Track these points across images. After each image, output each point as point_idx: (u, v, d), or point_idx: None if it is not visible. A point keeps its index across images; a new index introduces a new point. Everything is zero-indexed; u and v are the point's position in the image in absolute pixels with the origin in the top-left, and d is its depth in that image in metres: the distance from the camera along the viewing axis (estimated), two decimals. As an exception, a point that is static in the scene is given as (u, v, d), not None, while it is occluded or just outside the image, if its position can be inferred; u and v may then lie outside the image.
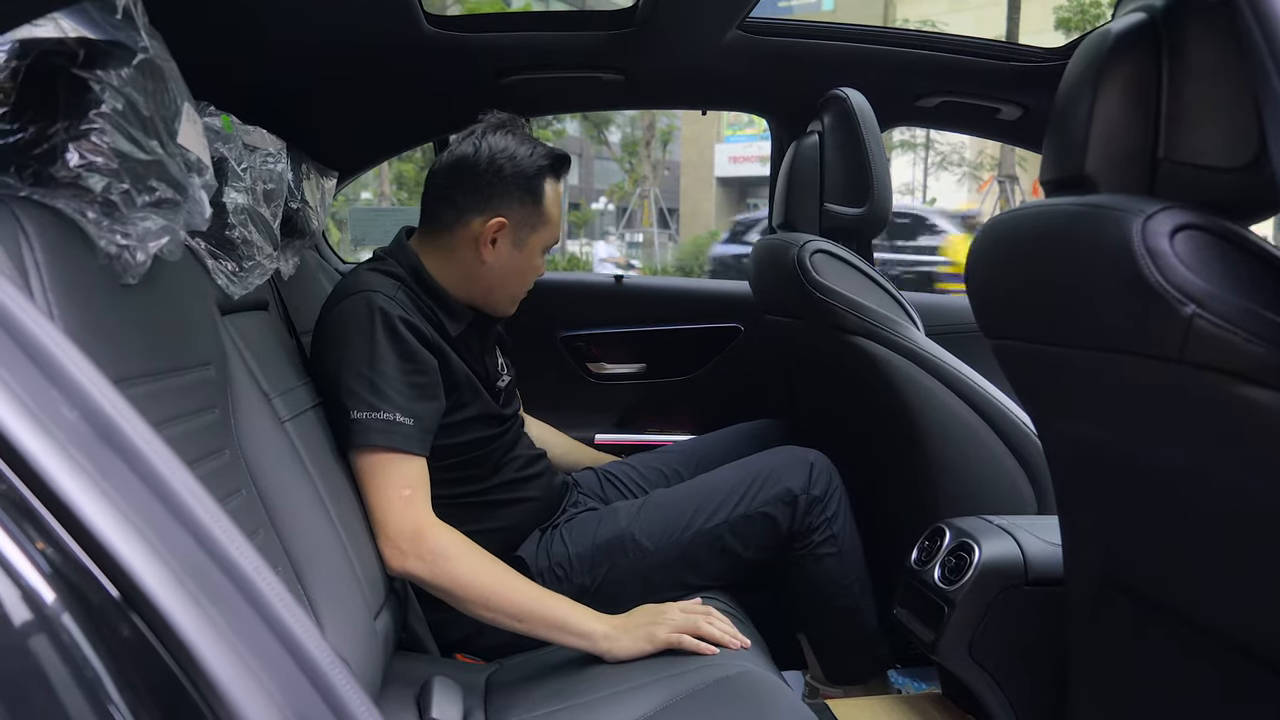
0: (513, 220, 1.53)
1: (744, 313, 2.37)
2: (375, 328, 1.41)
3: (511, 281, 1.58)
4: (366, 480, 1.40)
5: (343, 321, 1.44)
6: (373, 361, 1.40)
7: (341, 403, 1.40)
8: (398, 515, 1.38)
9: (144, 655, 0.50)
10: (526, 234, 1.55)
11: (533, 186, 1.53)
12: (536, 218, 1.54)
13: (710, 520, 1.58)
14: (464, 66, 1.93)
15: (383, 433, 1.39)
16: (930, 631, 1.44)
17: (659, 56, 1.97)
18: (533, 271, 1.59)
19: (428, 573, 1.37)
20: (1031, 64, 2.01)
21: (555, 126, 17.79)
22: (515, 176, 1.51)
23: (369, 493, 1.40)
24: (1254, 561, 0.96)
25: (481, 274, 1.55)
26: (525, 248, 1.55)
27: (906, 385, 1.67)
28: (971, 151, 15.53)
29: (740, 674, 1.30)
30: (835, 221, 1.85)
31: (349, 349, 1.42)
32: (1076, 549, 1.28)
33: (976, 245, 1.20)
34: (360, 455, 1.40)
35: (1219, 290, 0.84)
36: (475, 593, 1.36)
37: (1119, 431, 1.06)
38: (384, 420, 1.39)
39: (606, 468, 1.92)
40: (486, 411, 1.57)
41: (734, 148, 20.39)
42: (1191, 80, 0.94)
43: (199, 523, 0.54)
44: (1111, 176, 0.98)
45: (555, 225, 1.58)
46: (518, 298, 1.62)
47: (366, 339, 1.41)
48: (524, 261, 1.57)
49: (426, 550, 1.37)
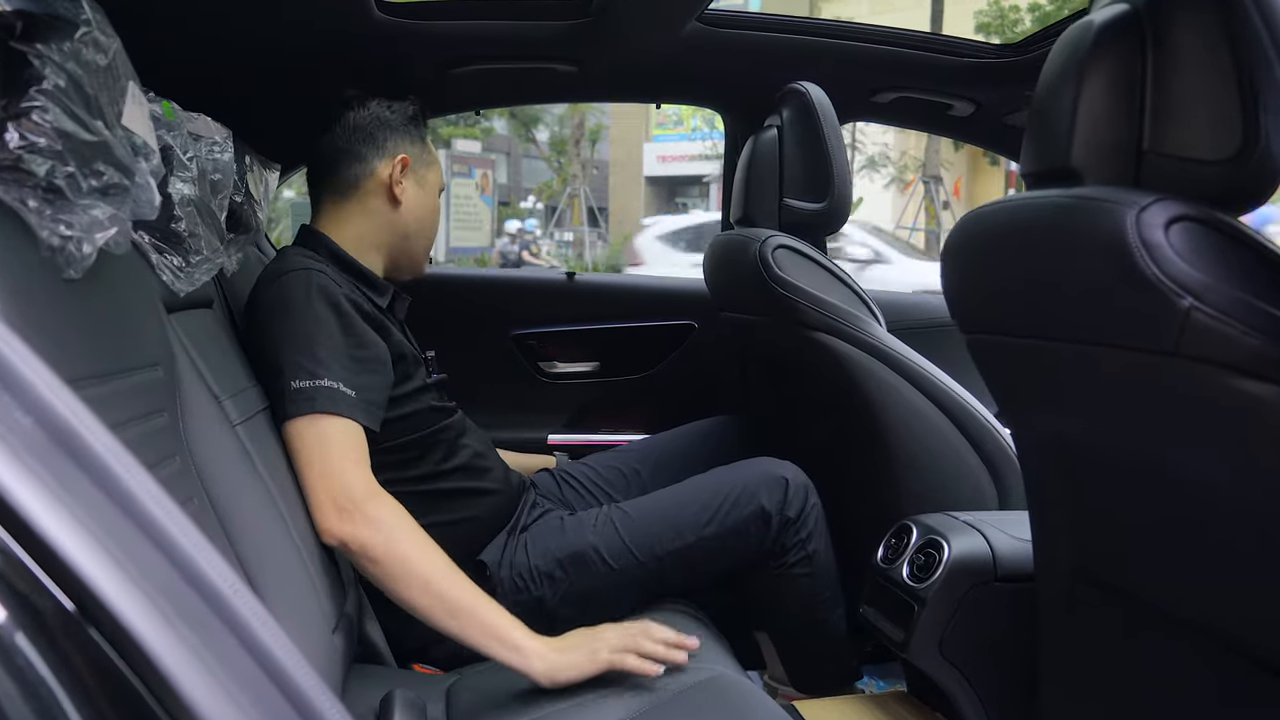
0: (413, 158, 1.60)
1: (699, 310, 2.35)
2: (314, 302, 1.38)
3: (426, 223, 1.63)
4: (306, 445, 1.31)
5: (282, 298, 1.40)
6: (314, 334, 1.36)
7: (280, 374, 1.34)
8: (344, 476, 1.29)
9: (113, 683, 0.46)
10: (424, 171, 1.62)
11: (416, 126, 1.62)
12: (428, 155, 1.63)
13: (679, 541, 1.54)
14: (415, 55, 1.87)
15: (327, 399, 1.32)
16: (900, 630, 1.43)
17: (615, 48, 1.93)
18: (436, 214, 1.66)
19: (369, 540, 1.25)
20: (984, 60, 2.02)
21: (483, 125, 17.63)
22: (400, 120, 1.60)
23: (307, 457, 1.30)
24: (1234, 555, 0.96)
25: (398, 221, 1.59)
26: (426, 185, 1.62)
27: (869, 381, 1.66)
28: (896, 152, 15.79)
29: (713, 678, 1.28)
30: (795, 217, 1.84)
31: (289, 324, 1.37)
32: (1047, 544, 1.28)
33: (953, 238, 1.18)
34: (298, 422, 1.32)
35: (1215, 282, 0.84)
36: (416, 573, 1.25)
37: (1107, 425, 1.06)
38: (327, 387, 1.32)
39: (563, 468, 1.87)
40: (428, 382, 1.55)
41: (662, 147, 20.43)
42: (1176, 71, 0.93)
43: (169, 538, 0.50)
44: (1097, 168, 0.97)
45: (439, 170, 1.67)
46: (428, 248, 1.68)
47: (306, 313, 1.37)
48: (429, 199, 1.63)
49: (373, 515, 1.27)
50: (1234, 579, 0.98)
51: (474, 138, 16.78)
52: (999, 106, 2.11)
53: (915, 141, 15.00)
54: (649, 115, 19.88)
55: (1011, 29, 14.18)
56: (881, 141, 15.12)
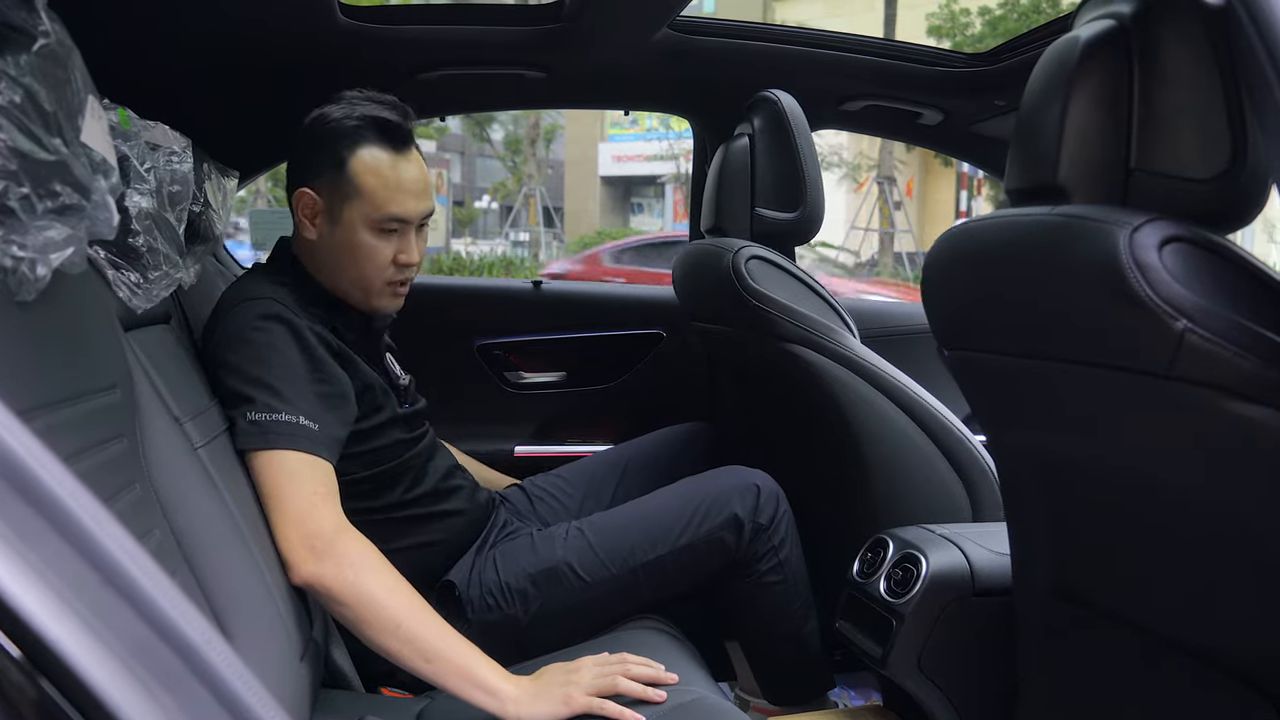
0: (322, 192, 1.42)
1: (667, 319, 2.33)
2: (274, 334, 1.32)
3: (344, 262, 1.43)
4: (271, 481, 1.26)
5: (241, 327, 1.34)
6: (271, 367, 1.30)
7: (238, 404, 1.29)
8: (312, 515, 1.24)
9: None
10: (340, 206, 1.41)
11: (336, 152, 1.40)
12: (345, 187, 1.40)
13: (652, 552, 1.51)
14: (380, 60, 1.82)
15: (286, 435, 1.27)
16: (878, 646, 1.41)
17: (584, 54, 1.91)
18: (365, 251, 1.42)
19: (337, 581, 1.21)
20: (953, 70, 2.02)
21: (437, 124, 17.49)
22: (323, 143, 1.41)
23: (274, 494, 1.25)
24: (1221, 575, 0.96)
25: (318, 255, 1.45)
26: (340, 223, 1.41)
27: (843, 393, 1.64)
28: (850, 153, 15.92)
29: (695, 701, 1.25)
30: (767, 226, 1.82)
31: (248, 353, 1.31)
32: (1026, 560, 1.27)
33: (936, 254, 1.17)
34: (258, 458, 1.27)
35: (1209, 304, 0.83)
36: (386, 615, 1.20)
37: (1095, 444, 1.05)
38: (286, 422, 1.27)
39: (534, 482, 1.84)
40: (399, 413, 1.49)
41: (618, 147, 20.44)
42: (1163, 87, 0.93)
43: (139, 590, 0.47)
44: (1085, 186, 0.96)
45: (375, 198, 1.40)
46: (367, 286, 1.45)
47: (267, 345, 1.31)
48: (345, 237, 1.41)
49: (341, 555, 1.22)
50: (1218, 598, 0.98)
51: (429, 137, 16.65)
52: (967, 115, 2.12)
53: (869, 142, 15.15)
54: (604, 115, 19.87)
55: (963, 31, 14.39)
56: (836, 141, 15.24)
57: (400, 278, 1.46)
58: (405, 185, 1.42)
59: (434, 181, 10.13)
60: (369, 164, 1.40)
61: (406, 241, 1.45)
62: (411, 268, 1.47)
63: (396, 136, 1.42)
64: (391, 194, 1.41)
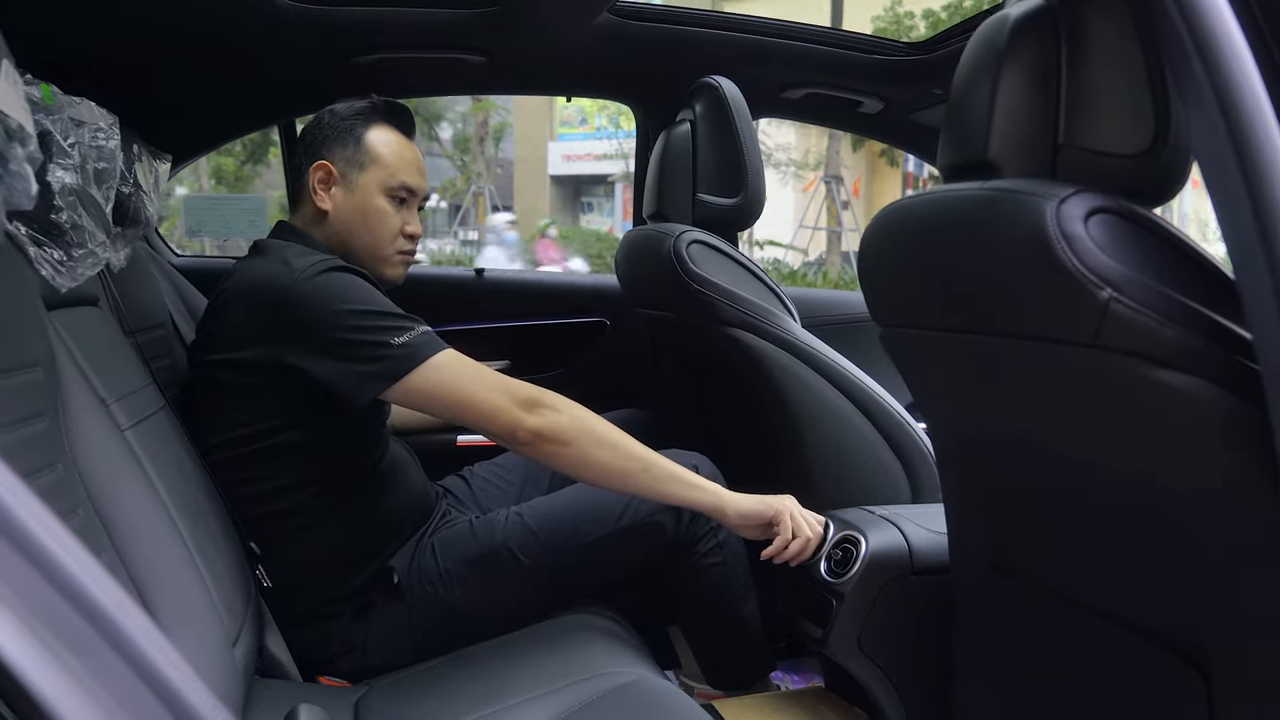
0: (336, 163, 1.55)
1: (610, 307, 2.32)
2: (347, 284, 1.38)
3: (356, 227, 1.55)
4: (454, 380, 1.35)
5: (314, 290, 1.34)
6: (379, 301, 1.38)
7: (372, 343, 1.33)
8: (506, 383, 1.37)
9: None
10: (355, 174, 1.55)
11: (351, 128, 1.56)
12: (361, 157, 1.55)
13: (591, 534, 1.51)
14: (317, 42, 1.79)
15: (435, 342, 1.36)
16: (818, 627, 1.42)
17: (524, 38, 1.89)
18: (377, 214, 1.55)
19: (559, 423, 1.35)
20: (893, 58, 2.04)
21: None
22: (334, 124, 1.56)
23: (466, 387, 1.35)
24: (1149, 544, 0.98)
25: (330, 226, 1.56)
26: (357, 189, 1.55)
27: (784, 377, 1.65)
28: (798, 151, 16.02)
29: (634, 682, 1.25)
30: (708, 212, 1.82)
31: (342, 305, 1.34)
32: (962, 536, 1.29)
33: (872, 232, 1.18)
34: (426, 370, 1.33)
35: (1133, 274, 0.84)
36: (606, 433, 1.38)
37: (1026, 417, 1.06)
38: (424, 332, 1.36)
39: (474, 471, 1.83)
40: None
41: (567, 146, 20.36)
42: (1089, 65, 0.95)
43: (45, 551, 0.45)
44: (1015, 161, 0.98)
45: (390, 165, 1.56)
46: (378, 252, 1.57)
47: (355, 288, 1.37)
48: (360, 202, 1.55)
49: (551, 402, 1.37)
50: (1146, 570, 0.99)
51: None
52: (907, 104, 2.14)
53: (816, 141, 15.26)
54: (554, 114, 19.78)
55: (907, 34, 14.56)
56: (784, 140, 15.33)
57: (408, 248, 1.59)
58: (414, 161, 1.59)
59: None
60: (383, 138, 1.57)
61: (412, 214, 1.60)
62: (416, 241, 1.61)
63: (405, 120, 1.61)
64: (404, 165, 1.57)
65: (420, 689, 1.33)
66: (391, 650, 1.45)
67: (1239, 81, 0.72)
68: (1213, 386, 0.82)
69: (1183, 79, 0.80)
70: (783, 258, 12.49)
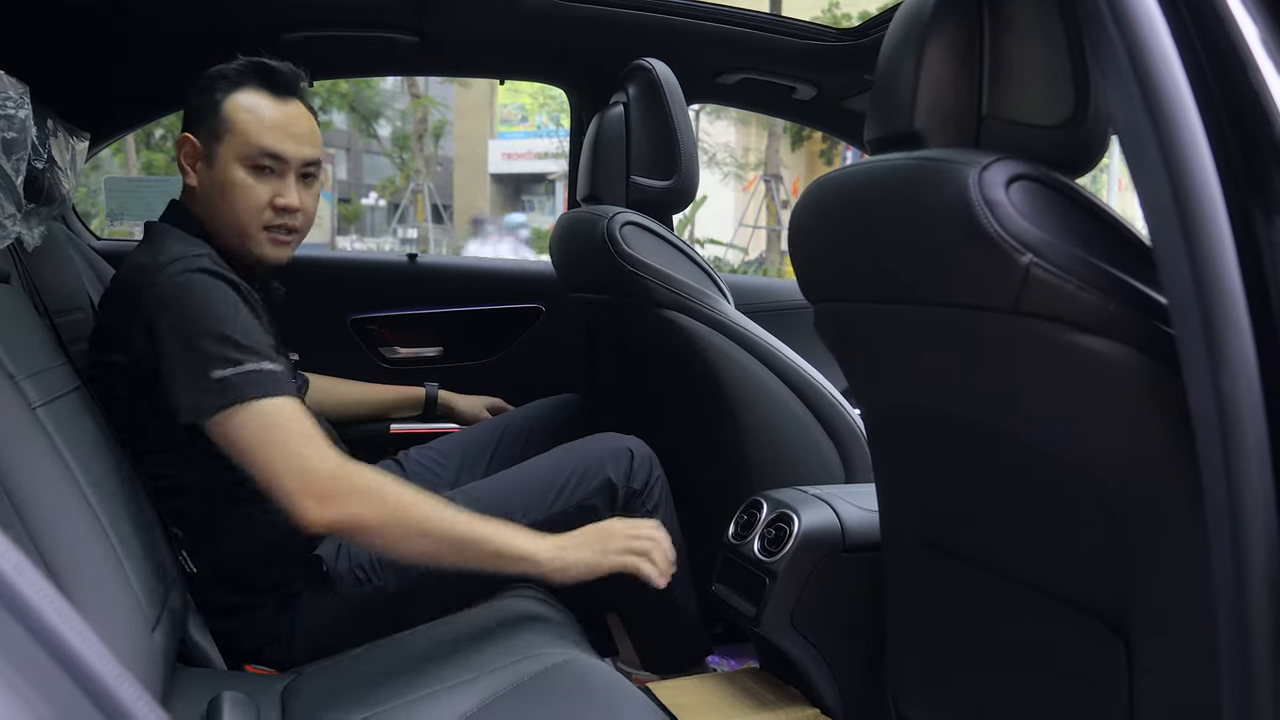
0: (200, 135, 1.44)
1: (545, 293, 2.31)
2: (209, 289, 1.29)
3: (218, 204, 1.43)
4: (255, 437, 1.23)
5: (172, 290, 1.28)
6: (224, 319, 1.27)
7: (193, 368, 1.23)
8: (309, 461, 1.22)
9: None
10: (215, 146, 1.42)
11: (211, 95, 1.43)
12: (218, 126, 1.42)
13: (525, 518, 1.49)
14: (243, 19, 1.75)
15: (258, 383, 1.23)
16: (752, 605, 1.43)
17: (455, 18, 1.87)
18: (236, 188, 1.41)
19: (369, 510, 1.22)
20: (825, 44, 2.05)
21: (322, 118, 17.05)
22: (204, 90, 1.44)
23: (263, 450, 1.22)
24: (1073, 513, 1.00)
25: (199, 204, 1.45)
26: (217, 162, 1.42)
27: (718, 358, 1.66)
28: (738, 150, 16.12)
29: (567, 662, 1.24)
30: (642, 194, 1.82)
31: (189, 313, 1.26)
32: (893, 512, 1.30)
33: (801, 207, 1.18)
34: (234, 415, 1.23)
35: (1053, 239, 0.86)
36: (416, 520, 1.24)
37: (953, 388, 1.08)
38: (254, 370, 1.24)
39: (410, 455, 1.81)
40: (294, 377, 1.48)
41: (507, 144, 20.26)
42: (1011, 37, 0.96)
43: None
44: (940, 132, 0.99)
45: (246, 132, 1.41)
46: (243, 230, 1.43)
47: (210, 299, 1.28)
48: (220, 176, 1.41)
49: (357, 486, 1.23)
50: (1071, 538, 1.01)
51: (311, 131, 16.17)
52: (839, 90, 2.16)
53: (756, 140, 15.36)
54: (494, 112, 19.67)
55: (846, 34, 14.69)
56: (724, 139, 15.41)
57: (279, 222, 1.44)
58: (280, 124, 1.43)
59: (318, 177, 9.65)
60: (244, 104, 1.42)
61: (285, 184, 1.43)
62: (291, 214, 1.44)
63: (277, 82, 1.44)
64: (264, 129, 1.41)
65: (349, 675, 1.31)
66: (320, 639, 1.42)
67: (1154, 52, 0.73)
68: (1130, 350, 0.84)
69: (1101, 50, 0.81)
70: (723, 256, 12.56)
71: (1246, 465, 0.67)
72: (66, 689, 0.42)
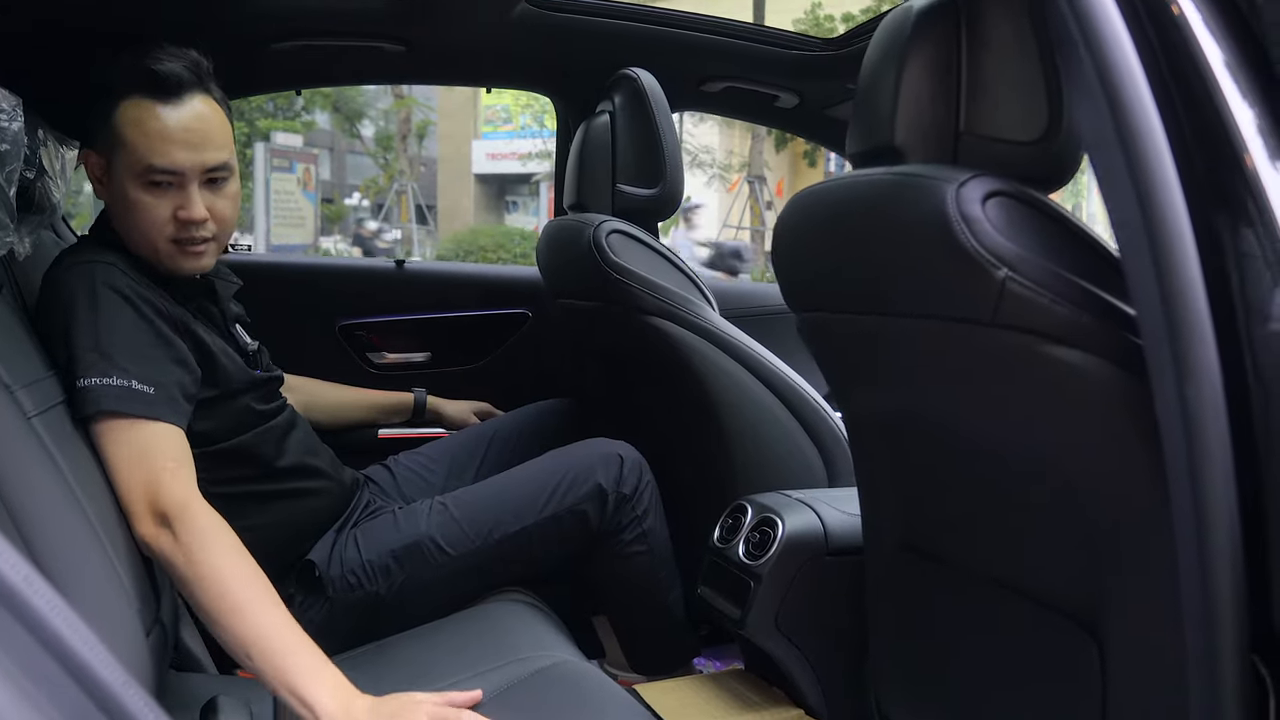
0: (97, 150, 1.37)
1: (532, 299, 2.33)
2: (101, 295, 1.26)
3: (122, 222, 1.37)
4: (107, 449, 1.21)
5: (70, 291, 1.28)
6: (99, 331, 1.24)
7: (70, 371, 1.23)
8: (159, 483, 1.19)
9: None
10: (113, 162, 1.35)
11: (103, 107, 1.34)
12: (111, 141, 1.34)
13: (517, 523, 1.52)
14: (231, 28, 1.76)
15: (117, 399, 1.21)
16: (737, 608, 1.45)
17: (442, 27, 1.89)
18: (134, 208, 1.34)
19: (181, 555, 1.15)
20: (809, 53, 2.08)
21: (305, 118, 16.96)
22: (95, 99, 1.36)
23: (117, 462, 1.20)
24: (1048, 520, 1.02)
25: (113, 215, 1.39)
26: (115, 179, 1.35)
27: (703, 364, 1.68)
28: (722, 152, 16.15)
29: (556, 665, 1.26)
30: (628, 202, 1.84)
31: (73, 319, 1.25)
32: (874, 518, 1.32)
33: (784, 219, 1.21)
34: (95, 425, 1.22)
35: (1028, 254, 0.88)
36: (227, 598, 1.13)
37: (931, 398, 1.10)
38: (117, 386, 1.21)
39: (398, 460, 1.82)
40: (255, 377, 1.46)
41: (491, 145, 20.22)
42: (989, 57, 0.99)
43: None
44: (919, 148, 1.02)
45: (135, 148, 1.32)
46: (151, 246, 1.36)
47: (90, 309, 1.25)
48: (119, 194, 1.35)
49: (191, 528, 1.16)
50: (1047, 544, 1.04)
51: (294, 130, 16.07)
52: (821, 99, 2.19)
53: (740, 143, 15.40)
54: (478, 112, 19.63)
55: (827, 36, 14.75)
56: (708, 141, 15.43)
57: (186, 235, 1.35)
58: (171, 135, 1.33)
59: (301, 177, 9.46)
60: (131, 116, 1.33)
61: (187, 196, 1.34)
62: (199, 224, 1.35)
63: (162, 86, 1.33)
64: (152, 144, 1.32)
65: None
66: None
67: (1122, 71, 0.76)
68: (1101, 360, 0.86)
69: (1072, 69, 0.84)
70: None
71: (1211, 471, 0.70)
72: (75, 696, 0.43)
